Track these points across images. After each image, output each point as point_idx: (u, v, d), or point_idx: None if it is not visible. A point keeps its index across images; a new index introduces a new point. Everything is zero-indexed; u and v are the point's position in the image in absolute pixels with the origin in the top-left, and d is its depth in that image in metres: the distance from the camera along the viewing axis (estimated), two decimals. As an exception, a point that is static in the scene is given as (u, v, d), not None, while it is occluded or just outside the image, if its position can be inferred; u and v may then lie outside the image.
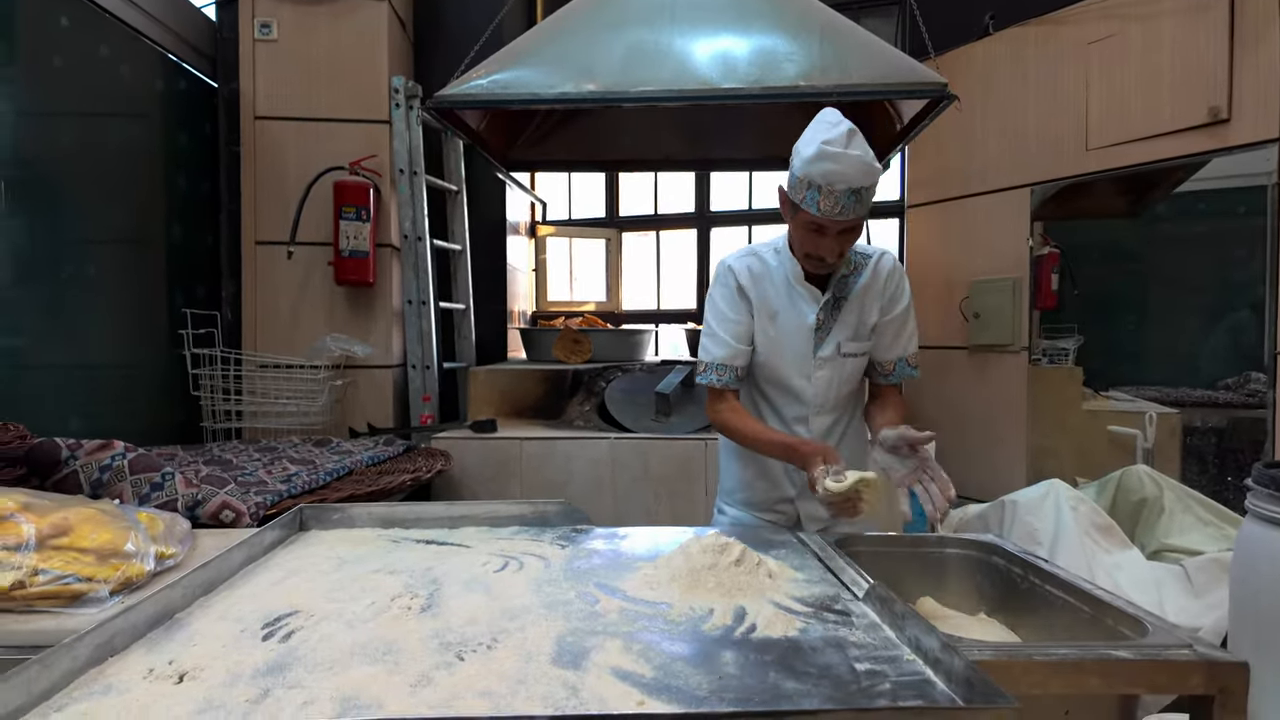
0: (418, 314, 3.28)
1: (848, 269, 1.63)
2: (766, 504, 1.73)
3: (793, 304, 1.63)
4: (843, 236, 1.49)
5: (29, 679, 0.73)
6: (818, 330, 1.62)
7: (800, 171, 1.44)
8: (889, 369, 1.66)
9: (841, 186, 1.41)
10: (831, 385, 1.64)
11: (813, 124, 1.50)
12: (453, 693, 0.76)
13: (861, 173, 1.41)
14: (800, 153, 1.46)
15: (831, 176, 1.40)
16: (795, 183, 1.47)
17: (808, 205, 1.45)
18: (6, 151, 2.26)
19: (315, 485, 2.12)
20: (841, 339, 1.62)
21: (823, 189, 1.42)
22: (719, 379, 1.65)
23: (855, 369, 1.66)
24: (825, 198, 1.42)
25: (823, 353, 1.62)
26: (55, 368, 2.43)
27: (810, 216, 1.46)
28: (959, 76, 3.36)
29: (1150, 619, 1.05)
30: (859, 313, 1.63)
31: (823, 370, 1.63)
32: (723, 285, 1.67)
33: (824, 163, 1.40)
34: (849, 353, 1.63)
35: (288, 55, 3.23)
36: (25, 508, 1.21)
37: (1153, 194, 3.70)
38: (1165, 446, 3.21)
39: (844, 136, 1.42)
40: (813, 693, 0.77)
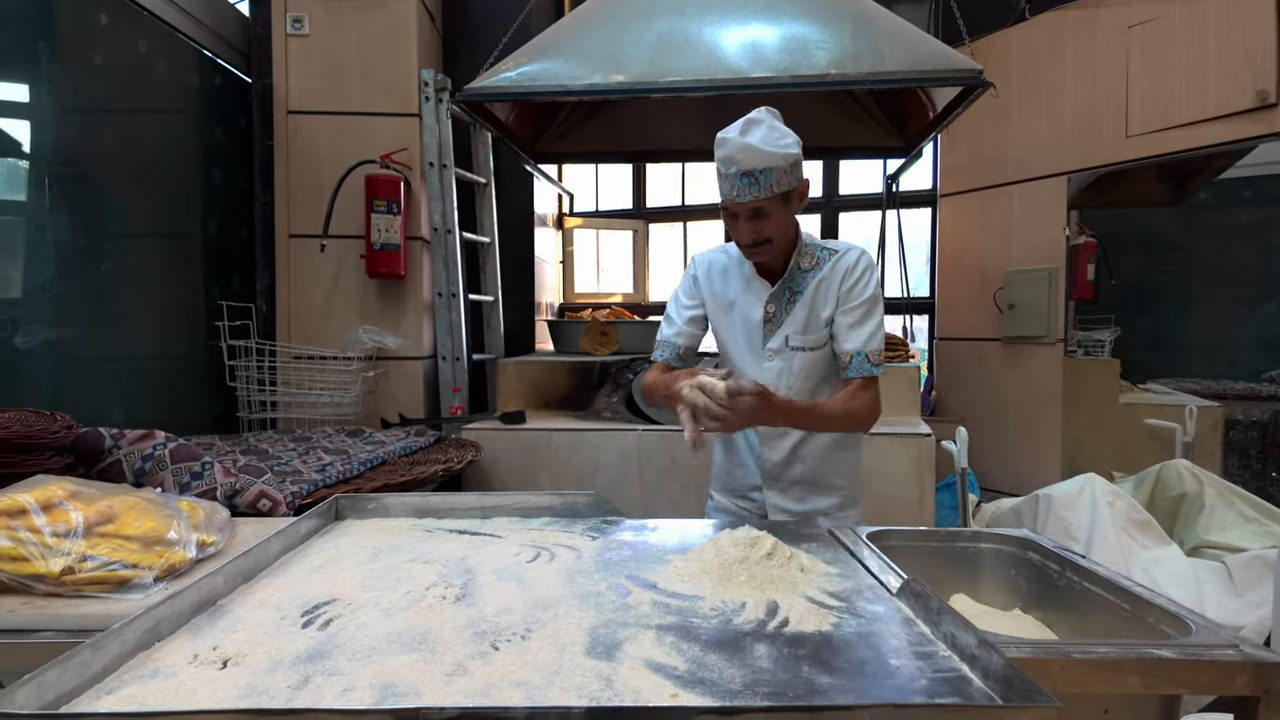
0: (448, 306, 3.31)
1: (809, 263, 1.65)
2: (740, 490, 1.77)
3: (747, 296, 1.68)
4: (754, 221, 1.54)
5: (81, 662, 0.75)
6: (766, 323, 1.66)
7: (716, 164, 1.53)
8: (845, 361, 1.64)
9: (733, 170, 1.48)
10: (783, 377, 1.65)
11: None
12: (489, 682, 0.77)
13: (746, 155, 1.46)
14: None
15: (725, 162, 1.49)
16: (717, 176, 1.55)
17: (720, 192, 1.54)
18: (50, 148, 2.32)
19: (349, 475, 2.15)
20: (790, 332, 1.64)
21: (722, 174, 1.51)
22: (661, 355, 1.76)
23: (808, 363, 1.65)
24: (724, 182, 1.51)
25: (771, 345, 1.66)
26: (98, 359, 2.49)
27: (722, 202, 1.56)
28: (994, 63, 3.29)
29: (1194, 618, 1.03)
30: (811, 307, 1.64)
31: (772, 362, 1.66)
32: (686, 275, 1.79)
33: (718, 149, 1.49)
34: (797, 346, 1.64)
35: (319, 50, 3.27)
36: (73, 495, 1.24)
37: (1195, 181, 3.61)
38: (1206, 440, 3.13)
39: (742, 124, 1.49)
40: (847, 688, 0.77)
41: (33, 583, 1.09)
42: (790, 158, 1.50)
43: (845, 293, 1.63)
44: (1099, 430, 3.35)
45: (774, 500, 1.71)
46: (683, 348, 1.75)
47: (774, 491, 1.71)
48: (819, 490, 1.70)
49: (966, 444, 2.62)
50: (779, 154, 1.48)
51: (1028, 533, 1.45)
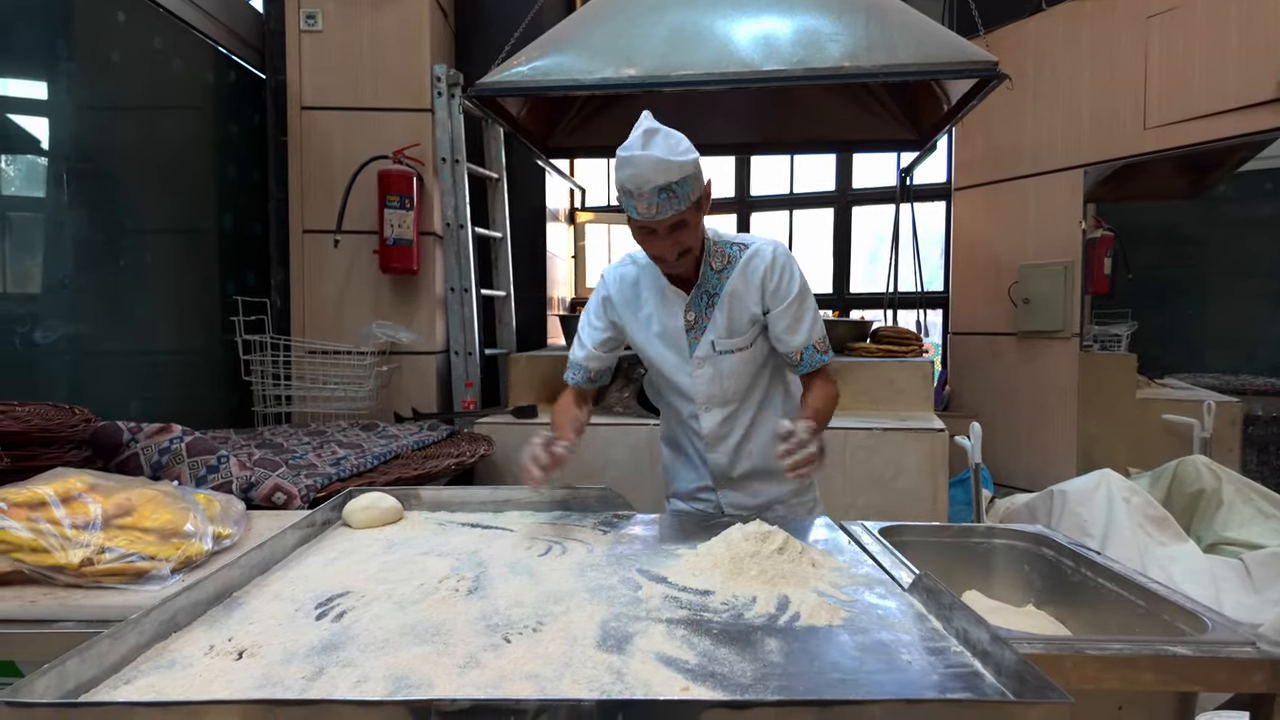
0: (460, 301, 3.32)
1: (720, 263, 1.60)
2: (690, 493, 1.75)
3: (664, 307, 1.63)
4: (675, 234, 1.48)
5: (100, 652, 0.76)
6: (690, 331, 1.61)
7: (617, 183, 1.45)
8: (797, 359, 1.61)
9: (647, 187, 1.40)
10: (715, 381, 1.62)
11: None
12: (500, 674, 0.78)
13: (660, 170, 1.39)
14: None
15: (635, 179, 1.40)
16: (619, 195, 1.47)
17: (630, 211, 1.46)
18: (68, 144, 2.34)
19: (363, 469, 2.16)
20: (715, 337, 1.60)
21: (633, 193, 1.42)
22: (572, 377, 1.73)
23: (741, 363, 1.62)
24: (638, 200, 1.42)
25: (699, 352, 1.61)
26: (116, 354, 2.52)
27: (634, 220, 1.47)
28: (1009, 54, 3.26)
29: (1210, 615, 1.02)
30: (730, 309, 1.59)
31: (702, 369, 1.62)
32: (595, 293, 1.73)
33: (624, 169, 1.41)
34: (726, 349, 1.60)
35: (332, 46, 3.28)
36: (92, 488, 1.26)
37: (1214, 174, 3.56)
38: (1224, 436, 3.10)
39: (640, 138, 1.41)
40: (858, 683, 0.77)
41: (53, 574, 1.10)
42: (696, 162, 1.45)
43: (772, 293, 1.58)
44: (1115, 426, 3.32)
45: (729, 498, 1.71)
46: (593, 370, 1.72)
47: (727, 490, 1.70)
48: (771, 480, 1.68)
49: (980, 439, 2.61)
50: (688, 161, 1.43)
51: (1042, 528, 1.44)
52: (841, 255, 4.51)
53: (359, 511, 1.36)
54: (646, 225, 1.47)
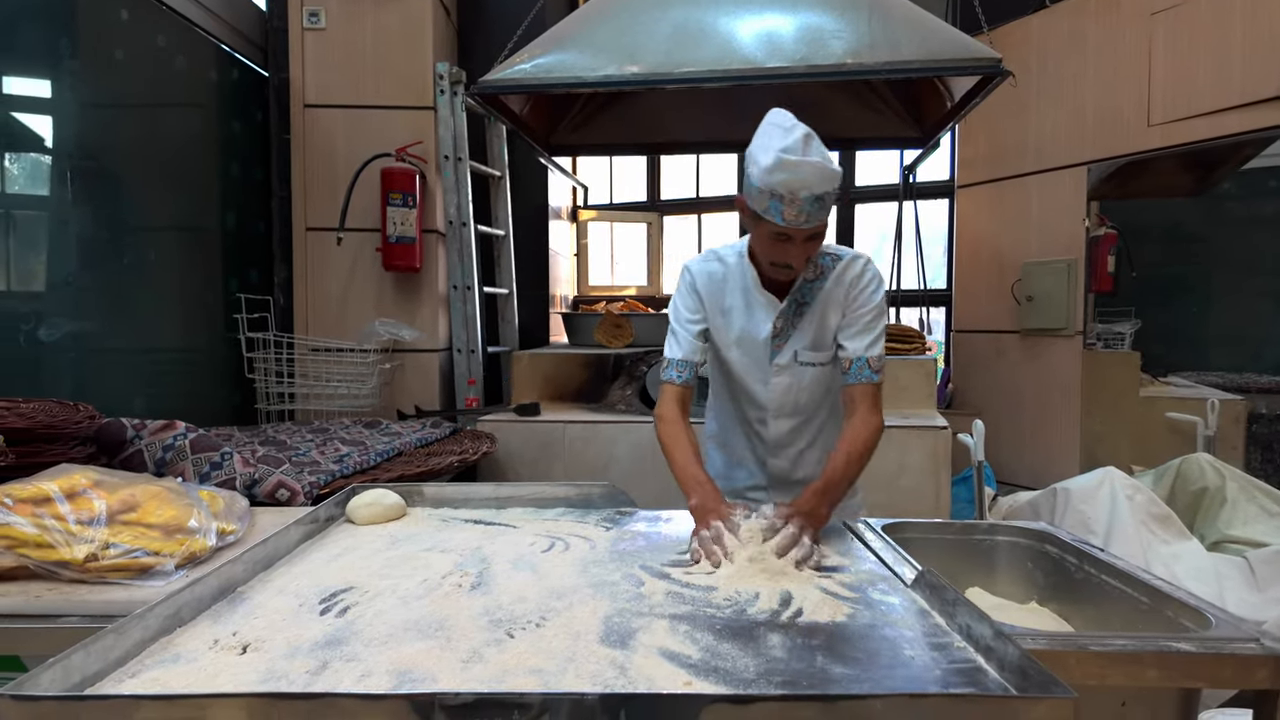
0: (463, 299, 3.32)
1: (813, 274, 1.58)
2: (739, 492, 1.73)
3: (750, 311, 1.60)
4: (809, 243, 1.45)
5: (105, 647, 0.77)
6: (774, 338, 1.58)
7: (760, 182, 1.39)
8: (846, 365, 1.59)
9: (804, 194, 1.36)
10: (790, 392, 1.61)
11: (763, 127, 1.45)
12: (503, 669, 0.78)
13: (822, 178, 1.36)
14: (757, 161, 1.40)
15: (793, 185, 1.35)
16: (755, 193, 1.41)
17: (771, 215, 1.40)
18: (71, 142, 2.35)
19: (366, 466, 2.17)
20: (799, 347, 1.58)
21: (785, 198, 1.37)
22: (678, 376, 1.63)
23: (817, 376, 1.61)
24: (789, 207, 1.37)
25: (779, 360, 1.59)
26: (120, 351, 2.53)
27: (776, 227, 1.41)
28: (1013, 51, 3.25)
29: (1214, 612, 1.02)
30: (820, 320, 1.57)
31: (780, 377, 1.60)
32: (682, 287, 1.67)
33: (783, 172, 1.35)
34: (807, 361, 1.59)
35: (335, 44, 3.28)
36: (97, 484, 1.26)
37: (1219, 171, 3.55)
38: (1228, 434, 3.09)
39: (800, 142, 1.37)
40: (861, 678, 0.77)
41: (58, 569, 1.11)
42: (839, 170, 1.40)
43: (851, 300, 1.56)
44: (1118, 424, 3.31)
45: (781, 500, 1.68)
46: (697, 364, 1.64)
47: (781, 491, 1.67)
48: None
49: (983, 437, 2.60)
50: (838, 170, 1.38)
51: (1045, 525, 1.44)
52: (844, 253, 4.49)
53: (362, 508, 1.37)
54: (785, 232, 1.41)
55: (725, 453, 1.76)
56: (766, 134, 1.43)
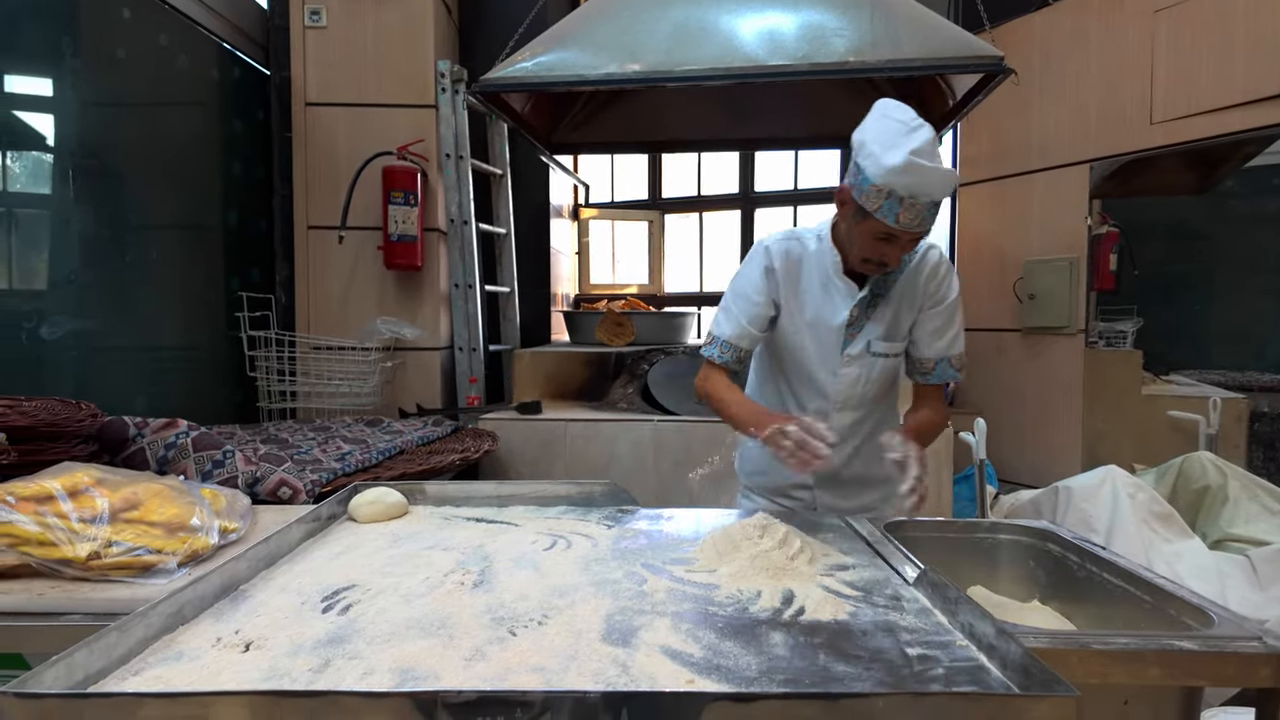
0: (464, 297, 3.32)
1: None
2: (784, 489, 1.69)
3: (826, 297, 1.54)
4: (910, 243, 1.42)
5: (108, 644, 0.77)
6: (849, 327, 1.53)
7: (879, 179, 1.33)
8: (929, 367, 1.57)
9: (925, 200, 1.32)
10: (858, 384, 1.56)
11: (881, 120, 1.39)
12: (506, 667, 0.78)
13: (946, 185, 1.32)
14: (877, 157, 1.33)
15: (916, 189, 1.30)
16: (869, 189, 1.35)
17: (883, 215, 1.34)
18: (73, 141, 2.35)
19: (368, 464, 2.17)
20: (873, 337, 1.54)
21: (905, 200, 1.32)
22: (720, 355, 1.58)
23: (886, 369, 1.58)
24: (906, 210, 1.32)
25: (851, 350, 1.55)
26: (122, 349, 2.53)
27: (885, 227, 1.36)
28: (1016, 49, 3.24)
29: (1216, 610, 1.02)
30: (895, 311, 1.54)
31: (850, 368, 1.55)
32: (753, 264, 1.58)
33: (911, 175, 1.30)
34: (879, 352, 1.55)
35: (337, 42, 3.28)
36: (99, 482, 1.26)
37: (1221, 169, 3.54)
38: (1230, 432, 3.08)
39: (929, 146, 1.32)
40: (864, 676, 0.77)
41: (61, 567, 1.11)
42: None
43: (931, 294, 1.52)
44: (1120, 422, 3.31)
45: (826, 500, 1.65)
46: (744, 351, 1.59)
47: (826, 491, 1.65)
48: (869, 486, 1.65)
49: (985, 435, 2.60)
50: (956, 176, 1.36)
51: (1047, 524, 1.44)
52: (846, 251, 4.49)
53: (364, 506, 1.37)
54: (893, 233, 1.37)
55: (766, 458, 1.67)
56: (887, 129, 1.36)
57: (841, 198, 1.46)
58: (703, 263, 4.74)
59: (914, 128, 1.35)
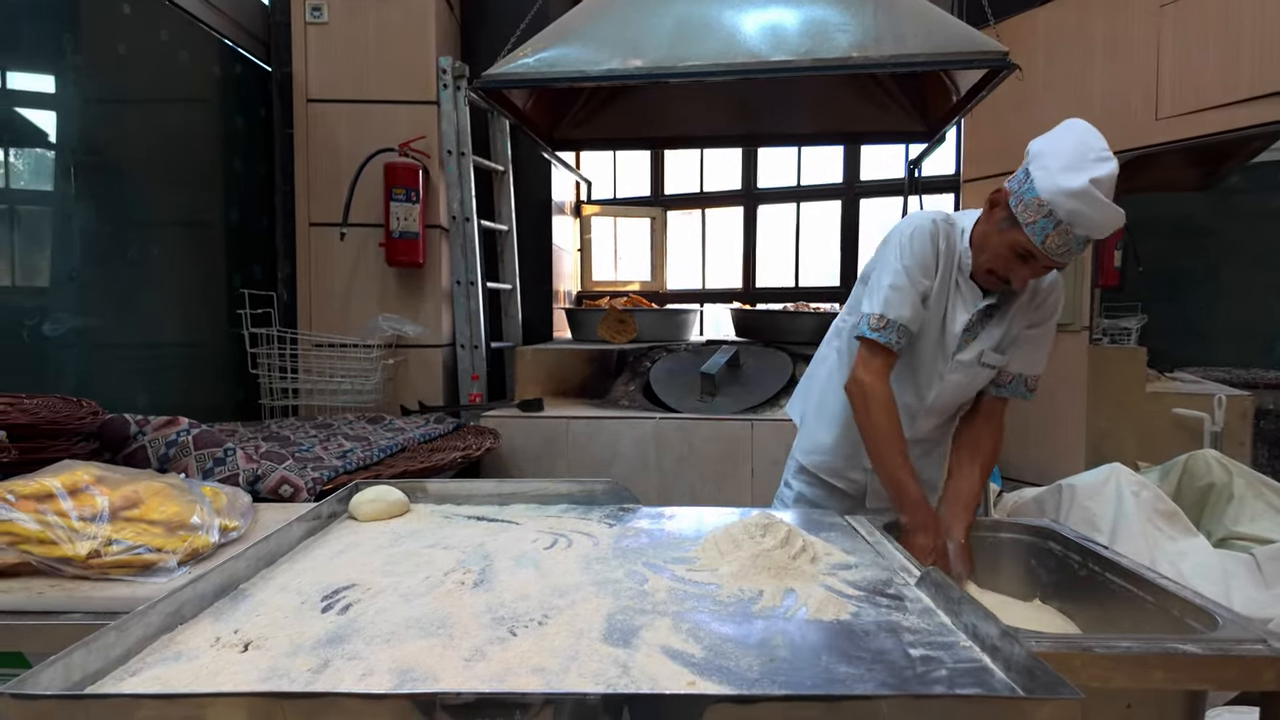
0: (466, 294, 3.32)
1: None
2: (841, 470, 1.67)
3: (952, 299, 1.47)
4: (1042, 270, 1.36)
5: (106, 645, 0.76)
6: (966, 331, 1.47)
7: (1047, 195, 1.26)
8: (1005, 380, 1.52)
9: (1081, 233, 1.26)
10: (958, 390, 1.52)
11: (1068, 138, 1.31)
12: (506, 667, 0.77)
13: (1113, 226, 1.26)
14: (1053, 174, 1.27)
15: (1080, 220, 1.24)
16: (1029, 201, 1.29)
17: (1032, 232, 1.28)
18: (75, 137, 2.34)
19: (370, 461, 2.17)
20: (986, 347, 1.48)
21: (1061, 225, 1.26)
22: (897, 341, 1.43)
23: (986, 380, 1.53)
24: (1058, 235, 1.26)
25: (963, 356, 1.49)
26: (123, 347, 2.53)
27: (1028, 243, 1.30)
28: (1020, 44, 3.23)
29: (1221, 611, 1.01)
30: (1009, 324, 1.48)
31: (956, 374, 1.50)
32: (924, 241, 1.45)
33: (1083, 203, 1.23)
34: (990, 364, 1.49)
35: (338, 38, 3.27)
36: (99, 480, 1.26)
37: (1227, 165, 3.52)
38: (1235, 430, 3.07)
39: (1110, 180, 1.25)
40: (866, 678, 0.76)
41: (60, 565, 1.11)
42: None
43: (1038, 308, 1.48)
44: (1124, 420, 3.30)
45: (876, 485, 1.63)
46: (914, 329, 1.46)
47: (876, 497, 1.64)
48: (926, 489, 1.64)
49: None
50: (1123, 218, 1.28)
51: (1048, 522, 1.43)
52: (849, 248, 4.48)
53: (365, 504, 1.36)
54: (1033, 253, 1.31)
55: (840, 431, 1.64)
56: (1072, 149, 1.29)
57: (996, 199, 1.40)
58: (705, 260, 4.73)
59: (1103, 158, 1.28)
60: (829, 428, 1.68)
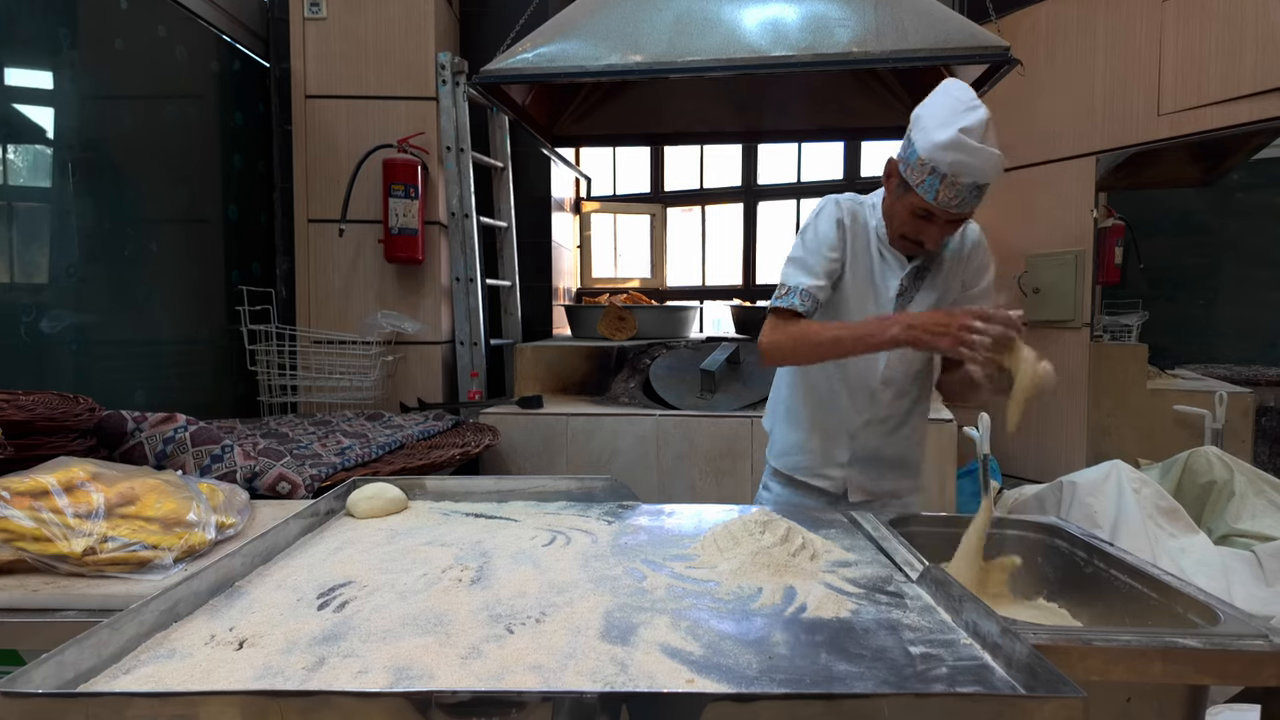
0: (465, 291, 3.31)
1: None
2: (815, 468, 1.68)
3: (879, 268, 1.54)
4: (949, 225, 1.41)
5: (99, 642, 0.76)
6: (899, 297, 1.53)
7: (926, 153, 1.32)
8: None
9: (967, 180, 1.31)
10: (904, 358, 1.56)
11: (942, 97, 1.38)
12: (503, 665, 0.77)
13: (994, 169, 1.31)
14: (928, 132, 1.33)
15: (960, 169, 1.30)
16: (914, 162, 1.35)
17: (924, 191, 1.34)
18: (72, 133, 2.33)
19: (368, 459, 2.16)
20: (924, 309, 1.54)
21: (946, 178, 1.31)
22: (801, 304, 1.49)
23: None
24: (947, 188, 1.32)
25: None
26: (121, 343, 2.52)
27: (922, 203, 1.36)
28: (1021, 39, 3.22)
29: (1223, 607, 1.01)
30: (943, 284, 1.54)
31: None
32: (829, 219, 1.54)
33: (957, 153, 1.29)
34: None
35: (337, 34, 3.26)
36: (95, 477, 1.25)
37: (1229, 161, 3.51)
38: (1236, 427, 3.06)
39: (982, 126, 1.30)
40: (866, 675, 0.76)
41: (56, 562, 1.10)
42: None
43: (972, 274, 1.54)
44: (1125, 417, 3.29)
45: (858, 481, 1.64)
46: (820, 305, 1.52)
47: (860, 472, 1.64)
48: (901, 472, 1.66)
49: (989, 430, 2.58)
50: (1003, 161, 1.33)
51: (1054, 519, 1.42)
52: (849, 245, 4.47)
53: (362, 502, 1.36)
54: (930, 211, 1.36)
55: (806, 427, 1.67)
56: (944, 105, 1.36)
57: (889, 170, 1.46)
58: (705, 256, 4.72)
59: (970, 107, 1.33)
60: (796, 426, 1.70)
